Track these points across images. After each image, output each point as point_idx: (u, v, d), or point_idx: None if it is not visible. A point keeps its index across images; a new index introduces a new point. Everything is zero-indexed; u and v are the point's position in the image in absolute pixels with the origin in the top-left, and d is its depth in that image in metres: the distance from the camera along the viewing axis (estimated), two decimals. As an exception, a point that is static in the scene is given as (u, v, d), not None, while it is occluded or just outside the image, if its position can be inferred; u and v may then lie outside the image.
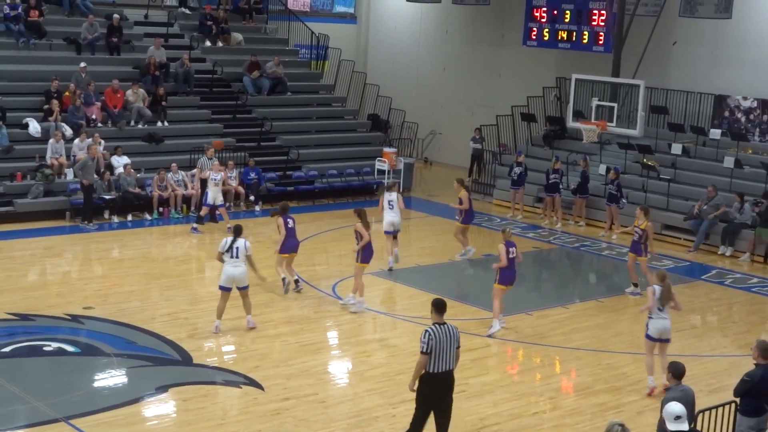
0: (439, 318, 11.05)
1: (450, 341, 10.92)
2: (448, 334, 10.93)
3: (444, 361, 10.92)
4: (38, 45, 27.24)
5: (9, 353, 14.61)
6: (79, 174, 22.82)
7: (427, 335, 10.87)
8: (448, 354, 10.93)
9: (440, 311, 11.09)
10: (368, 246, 17.56)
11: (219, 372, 14.25)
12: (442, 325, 10.98)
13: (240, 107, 29.04)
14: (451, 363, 10.99)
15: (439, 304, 11.14)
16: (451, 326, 11.06)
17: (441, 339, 10.87)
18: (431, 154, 34.76)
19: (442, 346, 10.87)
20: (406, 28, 35.60)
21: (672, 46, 27.82)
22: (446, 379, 11.06)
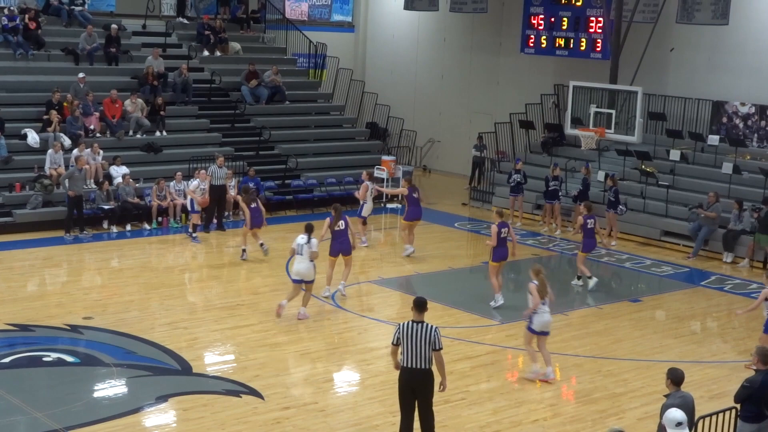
0: (417, 316, 11.40)
1: (423, 340, 11.24)
2: (422, 333, 11.26)
3: (415, 357, 11.28)
4: (37, 56, 27.26)
5: (9, 364, 14.60)
6: (65, 184, 22.77)
7: (397, 328, 11.45)
8: (420, 351, 11.26)
9: (419, 309, 11.44)
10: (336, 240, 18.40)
11: (219, 381, 14.24)
12: (419, 323, 11.33)
13: (238, 116, 29.07)
14: (424, 362, 11.29)
15: (418, 303, 11.50)
16: (430, 327, 11.35)
17: (412, 335, 11.26)
18: (430, 162, 34.78)
19: (412, 342, 11.26)
20: (404, 36, 35.64)
21: (669, 52, 27.86)
22: (418, 375, 11.36)
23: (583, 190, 25.46)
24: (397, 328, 11.44)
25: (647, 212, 25.30)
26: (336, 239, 18.46)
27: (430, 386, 11.51)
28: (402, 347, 11.35)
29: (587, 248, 20.28)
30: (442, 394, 13.87)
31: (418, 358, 11.27)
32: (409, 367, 11.36)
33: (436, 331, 11.36)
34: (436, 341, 11.31)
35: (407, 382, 11.46)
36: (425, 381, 11.44)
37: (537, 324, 14.77)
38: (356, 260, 22.29)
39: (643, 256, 23.57)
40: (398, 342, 11.37)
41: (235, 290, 19.32)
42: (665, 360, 15.45)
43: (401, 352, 11.40)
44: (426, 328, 11.31)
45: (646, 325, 18.20)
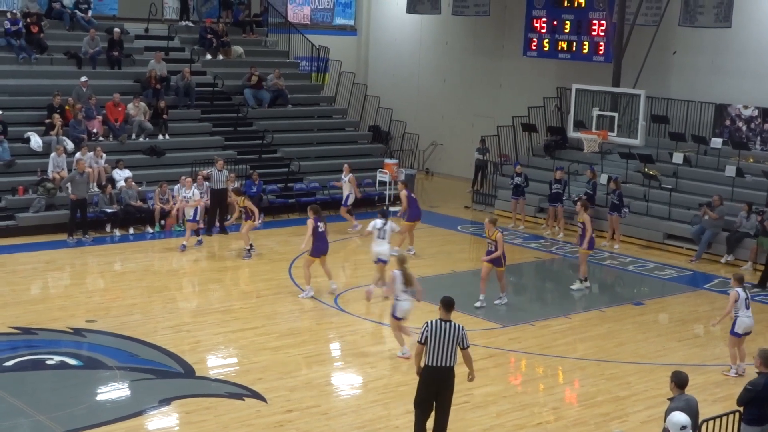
0: (444, 315, 11.55)
1: (450, 338, 11.36)
2: (449, 331, 11.39)
3: (442, 355, 11.37)
4: (39, 60, 27.29)
5: (12, 367, 14.61)
6: (67, 188, 22.79)
7: (425, 326, 11.50)
8: (447, 350, 11.36)
9: (447, 308, 11.60)
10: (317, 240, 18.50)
11: (222, 384, 14.23)
12: (447, 322, 11.45)
13: (241, 120, 29.07)
14: (449, 360, 11.40)
15: (446, 302, 11.64)
16: (458, 326, 11.49)
17: (440, 333, 11.36)
18: (432, 165, 34.78)
19: (440, 340, 11.35)
20: (407, 40, 35.66)
21: (672, 55, 27.86)
22: (443, 374, 11.46)
23: (591, 194, 25.33)
24: (424, 327, 11.49)
25: (650, 215, 25.28)
26: (319, 240, 18.54)
27: (452, 384, 11.62)
28: (428, 345, 11.40)
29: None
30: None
31: (445, 356, 11.36)
32: (435, 365, 11.42)
33: (464, 330, 11.52)
34: (464, 339, 11.47)
35: (432, 380, 11.53)
36: (449, 379, 11.55)
37: (400, 312, 15.36)
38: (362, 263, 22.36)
39: (646, 259, 23.55)
40: (425, 341, 11.41)
41: (237, 293, 19.32)
42: (668, 363, 15.43)
43: (426, 351, 11.45)
44: (454, 326, 11.44)
45: (650, 328, 18.18)
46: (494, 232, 18.14)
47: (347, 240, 24.19)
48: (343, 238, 24.20)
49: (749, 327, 15.49)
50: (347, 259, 22.60)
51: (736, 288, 15.41)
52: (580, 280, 20.35)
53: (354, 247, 23.67)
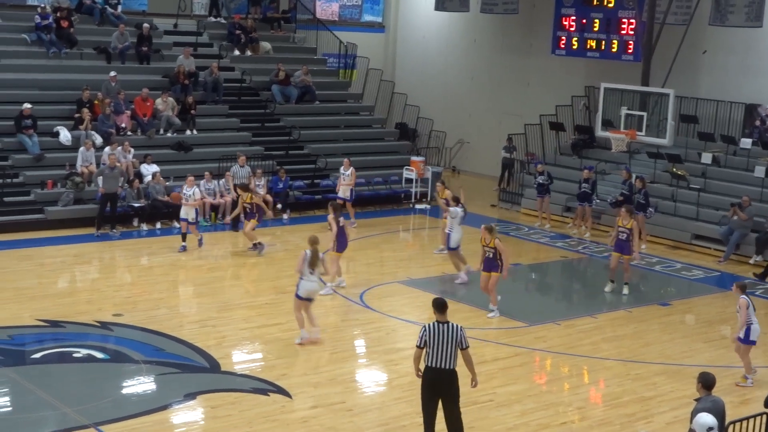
0: (440, 316, 11.42)
1: (450, 340, 11.25)
2: (448, 332, 11.28)
3: (441, 357, 11.27)
4: (69, 54, 27.47)
5: (39, 359, 14.72)
6: (98, 182, 22.96)
7: (423, 330, 11.41)
8: (446, 351, 11.25)
9: (440, 310, 11.46)
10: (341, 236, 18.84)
11: (247, 379, 14.27)
12: (443, 324, 11.35)
13: (268, 116, 29.15)
14: (449, 362, 11.28)
15: (438, 304, 11.52)
16: (456, 326, 11.37)
17: (439, 336, 11.26)
18: (459, 163, 34.72)
19: (438, 342, 11.26)
20: (435, 37, 35.61)
21: (702, 54, 27.67)
22: (444, 375, 11.34)
23: (628, 195, 24.98)
24: (422, 330, 11.38)
25: (678, 215, 25.13)
26: (342, 236, 18.86)
27: (455, 386, 11.49)
28: (428, 348, 11.32)
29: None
30: (469, 396, 13.87)
31: (445, 358, 11.26)
32: (435, 367, 11.30)
33: (462, 330, 11.37)
34: (463, 340, 11.33)
35: (432, 383, 11.42)
36: (451, 381, 11.42)
37: (303, 291, 15.44)
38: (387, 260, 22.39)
39: (673, 259, 23.42)
40: (424, 344, 11.32)
41: (263, 289, 19.35)
42: (695, 364, 15.34)
43: (426, 353, 11.37)
44: (452, 327, 11.33)
45: (676, 328, 18.08)
46: (491, 239, 17.48)
47: (372, 237, 24.19)
48: (370, 235, 24.20)
49: (759, 334, 15.21)
50: (373, 256, 22.60)
51: (742, 296, 15.14)
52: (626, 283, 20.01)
53: (379, 243, 23.67)
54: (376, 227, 25.26)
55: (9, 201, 23.07)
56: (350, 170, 25.00)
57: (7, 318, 16.42)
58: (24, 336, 15.71)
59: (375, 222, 25.80)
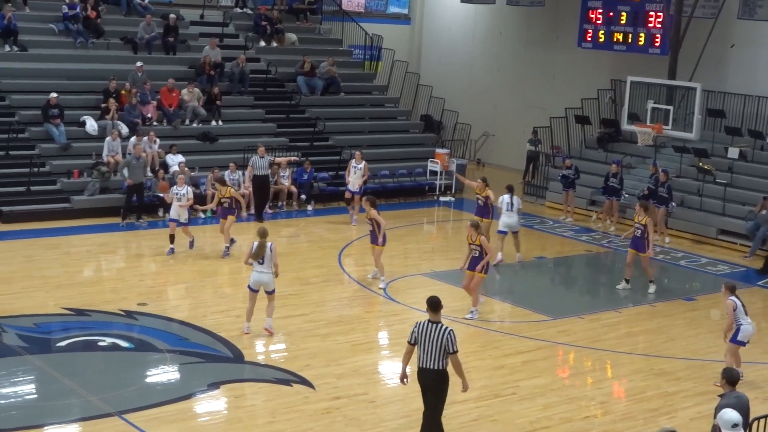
0: (432, 316, 11.23)
1: (435, 341, 11.04)
2: (435, 334, 11.07)
3: (426, 357, 11.12)
4: (96, 44, 27.60)
5: (64, 348, 14.83)
6: (124, 173, 23.07)
7: (414, 327, 11.29)
8: (432, 352, 11.07)
9: (433, 309, 11.24)
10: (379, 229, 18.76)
11: (270, 370, 14.32)
12: (434, 324, 11.15)
13: (293, 107, 29.18)
14: (436, 362, 11.08)
15: (430, 303, 11.30)
16: (444, 329, 11.10)
17: (425, 335, 11.11)
18: (484, 156, 34.64)
19: (425, 342, 11.11)
20: (460, 29, 35.53)
21: (730, 48, 27.47)
22: (431, 375, 11.17)
23: (654, 189, 24.85)
24: (414, 327, 11.28)
25: (704, 210, 24.98)
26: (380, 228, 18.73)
27: (441, 387, 11.30)
28: (417, 347, 11.19)
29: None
30: (492, 389, 13.92)
31: (431, 358, 11.09)
32: (423, 367, 11.21)
33: (450, 334, 11.07)
34: (449, 345, 11.04)
35: (422, 382, 11.33)
36: (437, 381, 11.23)
37: (251, 281, 15.43)
38: (411, 252, 22.39)
39: (698, 254, 23.30)
40: (415, 341, 11.21)
41: (287, 280, 19.35)
42: (719, 360, 15.23)
43: (417, 352, 11.23)
44: (439, 329, 11.10)
45: (701, 324, 18.00)
46: (477, 237, 16.91)
47: (396, 229, 24.17)
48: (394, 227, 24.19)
49: (751, 335, 14.95)
50: (397, 248, 22.60)
51: (730, 297, 14.91)
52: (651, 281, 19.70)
53: (403, 236, 23.66)
54: (401, 219, 25.26)
55: (35, 190, 23.24)
56: (363, 164, 24.45)
57: (33, 306, 16.55)
58: (49, 324, 15.84)
59: (399, 214, 25.79)
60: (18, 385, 13.34)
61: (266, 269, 15.27)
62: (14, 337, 14.94)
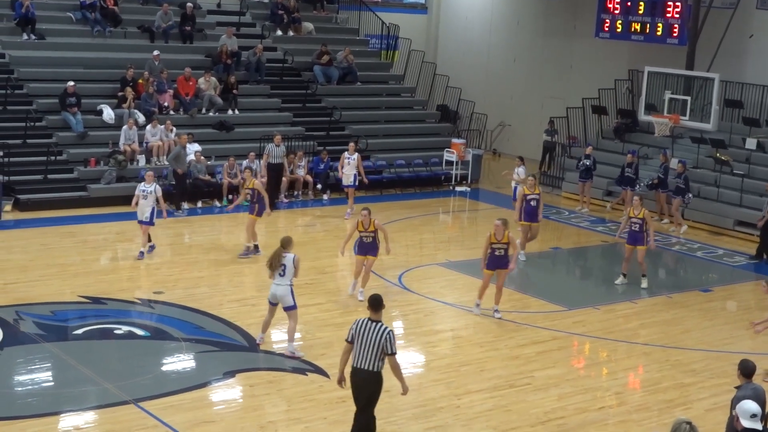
0: (372, 314, 10.75)
1: (373, 341, 10.57)
2: (373, 333, 10.59)
3: (361, 357, 10.65)
4: (113, 33, 27.66)
5: (81, 335, 14.90)
6: (173, 163, 23.19)
7: (353, 324, 10.82)
8: (368, 352, 10.60)
9: (374, 308, 10.76)
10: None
11: (285, 359, 14.34)
12: (373, 322, 10.68)
13: (310, 96, 29.19)
14: (370, 363, 10.62)
15: (372, 300, 10.83)
16: (384, 329, 10.65)
17: (363, 334, 10.62)
18: (500, 146, 34.58)
19: (362, 341, 10.63)
20: (477, 19, 35.44)
21: (749, 39, 27.31)
22: (363, 376, 10.71)
23: (663, 178, 24.91)
24: (352, 325, 10.82)
25: (721, 201, 24.89)
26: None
27: (373, 389, 10.81)
28: (354, 345, 10.72)
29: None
30: (507, 379, 13.93)
31: (366, 358, 10.62)
32: (357, 366, 10.71)
33: (389, 334, 10.60)
34: (388, 345, 10.57)
35: (354, 383, 10.85)
36: (370, 383, 10.75)
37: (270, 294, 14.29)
38: (427, 242, 22.38)
39: (715, 245, 23.21)
40: (352, 339, 10.72)
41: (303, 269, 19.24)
42: (735, 351, 15.21)
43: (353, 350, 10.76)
44: (378, 328, 10.61)
45: (717, 315, 17.95)
46: (505, 234, 16.38)
47: (411, 219, 24.17)
48: (409, 216, 24.18)
49: None
50: (412, 238, 22.61)
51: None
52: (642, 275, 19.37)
53: (418, 225, 23.66)
54: (416, 209, 25.25)
55: (53, 178, 23.34)
56: (356, 155, 23.68)
57: (50, 294, 16.63)
58: (66, 312, 15.91)
59: (415, 204, 25.78)
60: (35, 373, 13.40)
61: (284, 281, 14.12)
62: (31, 325, 15.03)
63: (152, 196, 19.10)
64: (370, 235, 16.98)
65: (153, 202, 19.10)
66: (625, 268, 19.32)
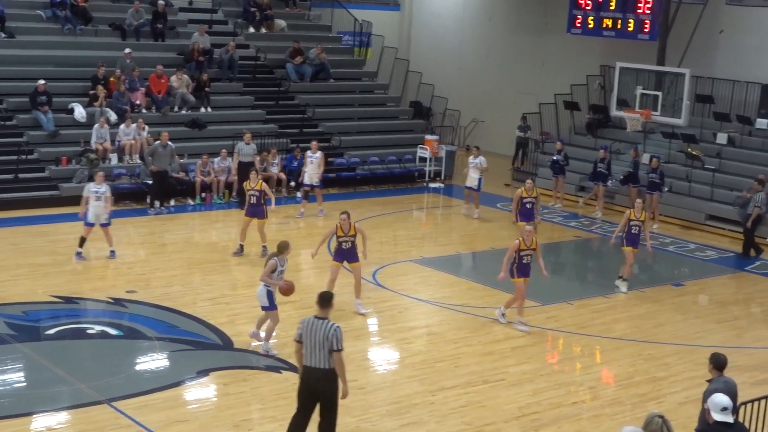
0: (320, 311, 10.68)
1: (322, 338, 10.45)
2: (321, 330, 10.48)
3: (312, 356, 10.53)
4: (84, 31, 27.49)
5: (53, 335, 14.82)
6: (149, 160, 23.07)
7: (300, 323, 10.73)
8: (317, 350, 10.48)
9: (322, 305, 10.72)
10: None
11: (260, 357, 14.32)
12: (320, 320, 10.57)
13: (283, 94, 29.13)
14: (322, 361, 10.50)
15: (321, 297, 10.78)
16: (331, 325, 10.52)
17: (311, 332, 10.51)
18: (473, 142, 34.52)
19: (310, 339, 10.51)
20: (450, 15, 35.47)
21: (719, 34, 27.48)
22: (317, 375, 10.57)
23: (633, 173, 25.14)
24: (299, 324, 10.71)
25: (692, 196, 25.05)
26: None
27: (330, 388, 10.65)
28: (303, 344, 10.57)
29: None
30: (481, 375, 13.95)
31: (317, 357, 10.49)
32: (308, 365, 10.57)
33: (337, 330, 10.47)
34: (335, 341, 10.43)
35: (306, 382, 10.69)
36: (325, 382, 10.59)
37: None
38: (401, 239, 22.41)
39: (686, 240, 23.36)
40: (301, 338, 10.59)
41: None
42: (707, 345, 15.33)
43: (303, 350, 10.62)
44: (326, 325, 10.49)
45: (689, 309, 18.07)
46: (534, 240, 16.14)
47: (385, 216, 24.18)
48: (383, 213, 24.18)
49: None
50: (386, 235, 22.62)
51: None
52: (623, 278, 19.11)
53: (392, 222, 23.68)
54: (390, 206, 25.27)
55: (24, 177, 23.19)
56: (318, 153, 23.34)
57: (22, 294, 16.53)
58: (38, 312, 15.82)
59: (388, 201, 25.80)
60: (7, 374, 13.32)
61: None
62: (3, 326, 14.91)
63: (105, 197, 18.82)
64: (350, 240, 16.28)
65: (105, 203, 18.84)
66: (626, 272, 18.85)
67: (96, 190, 18.78)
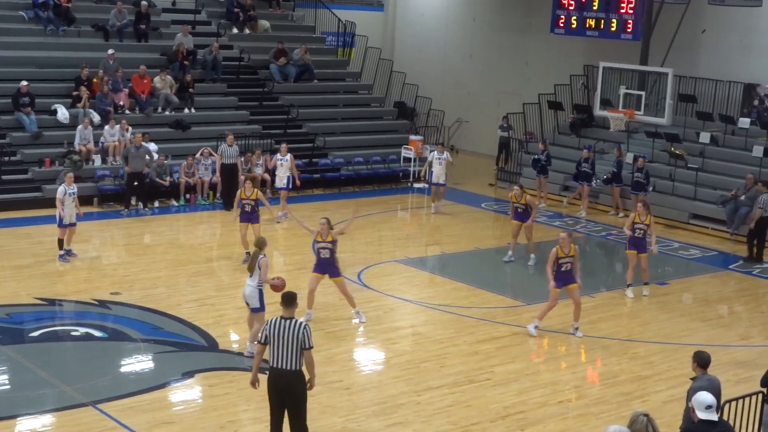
0: (285, 311, 10.65)
1: (291, 338, 10.42)
2: (290, 330, 10.45)
3: (281, 356, 10.47)
4: (67, 32, 27.38)
5: (37, 338, 14.75)
6: (122, 161, 23.01)
7: (266, 324, 10.67)
8: (287, 350, 10.44)
9: (287, 304, 10.69)
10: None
11: (245, 358, 14.29)
12: (287, 320, 10.55)
13: (266, 94, 29.09)
14: (292, 362, 10.47)
15: (285, 297, 10.76)
16: (300, 324, 10.53)
17: (279, 332, 10.46)
18: (457, 142, 34.66)
19: (279, 340, 10.45)
20: (433, 16, 35.50)
21: (701, 33, 27.59)
22: (286, 377, 10.53)
23: (617, 172, 25.23)
24: (265, 325, 10.66)
25: (676, 195, 25.14)
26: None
27: (299, 389, 10.63)
28: (270, 346, 10.50)
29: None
30: (467, 375, 13.96)
31: (286, 357, 10.44)
32: (276, 367, 10.49)
33: (306, 329, 10.49)
34: (306, 340, 10.44)
35: (274, 384, 10.59)
36: (294, 383, 10.57)
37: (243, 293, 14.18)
38: (386, 239, 22.40)
39: (670, 238, 23.43)
40: (266, 340, 10.53)
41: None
42: (692, 343, 15.36)
43: (269, 351, 10.55)
44: (294, 324, 10.47)
45: (674, 308, 18.13)
46: (572, 247, 15.77)
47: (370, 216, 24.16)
48: (368, 214, 24.16)
49: None
50: (371, 235, 22.61)
51: None
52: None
53: (377, 222, 23.68)
54: (374, 206, 25.26)
55: (7, 179, 23.08)
56: (288, 156, 23.09)
57: (5, 296, 16.45)
58: (22, 314, 15.75)
59: (373, 201, 25.80)
60: (-9, 376, 13.29)
61: (252, 282, 13.93)
62: (-14, 328, 14.86)
63: (75, 198, 19.12)
64: (327, 248, 15.65)
65: (76, 203, 19.07)
66: (630, 278, 18.57)
67: (72, 192, 19.02)
